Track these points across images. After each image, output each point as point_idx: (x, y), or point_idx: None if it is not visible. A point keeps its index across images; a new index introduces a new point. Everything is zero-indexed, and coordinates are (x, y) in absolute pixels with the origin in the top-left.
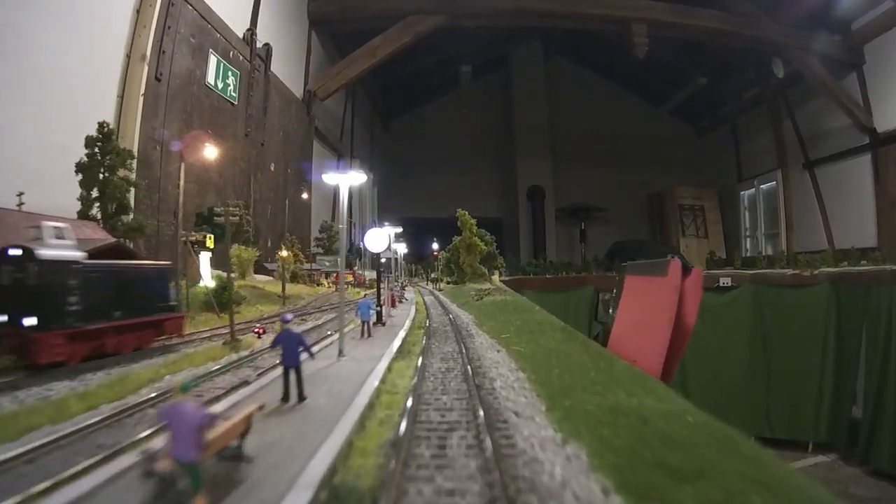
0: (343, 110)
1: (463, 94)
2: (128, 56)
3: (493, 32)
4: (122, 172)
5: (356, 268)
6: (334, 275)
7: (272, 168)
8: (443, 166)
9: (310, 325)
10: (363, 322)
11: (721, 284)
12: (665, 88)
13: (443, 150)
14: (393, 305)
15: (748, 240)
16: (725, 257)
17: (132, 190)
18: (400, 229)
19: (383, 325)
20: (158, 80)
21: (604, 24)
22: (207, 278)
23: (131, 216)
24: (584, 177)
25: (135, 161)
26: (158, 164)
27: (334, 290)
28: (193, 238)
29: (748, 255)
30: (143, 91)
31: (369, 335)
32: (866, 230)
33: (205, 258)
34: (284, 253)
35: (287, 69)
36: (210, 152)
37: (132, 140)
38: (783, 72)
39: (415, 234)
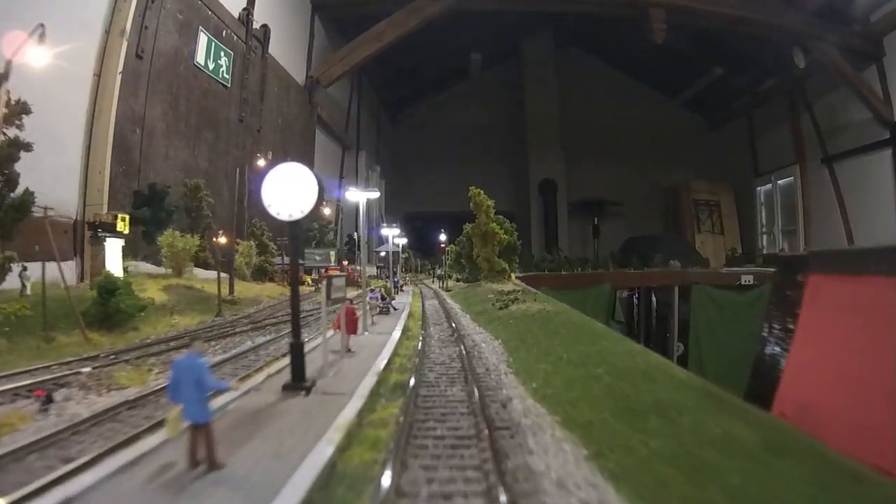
0: (348, 101)
1: (472, 86)
2: (106, 32)
3: (503, 21)
4: (11, 132)
5: (346, 263)
6: (323, 271)
7: (270, 157)
8: (451, 160)
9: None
10: (193, 428)
11: (743, 283)
12: (679, 80)
13: (451, 143)
14: (354, 331)
15: (764, 236)
16: (741, 254)
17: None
18: (377, 193)
19: (305, 391)
20: (140, 57)
21: (620, 9)
22: (117, 274)
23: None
24: (596, 170)
25: (27, 116)
26: (138, 149)
27: (315, 289)
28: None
29: (764, 251)
30: (121, 69)
31: (212, 465)
32: (887, 227)
33: (114, 247)
34: (223, 239)
35: (287, 54)
36: (37, 58)
37: (108, 121)
38: (804, 62)
39: (422, 228)
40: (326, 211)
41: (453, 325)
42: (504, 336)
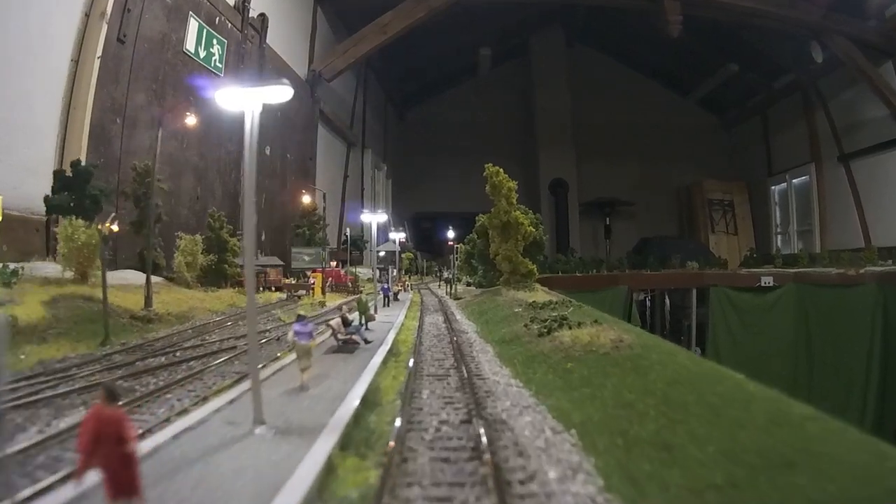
0: (353, 97)
1: (481, 84)
2: (86, 15)
3: (512, 17)
4: None
5: (334, 263)
6: (312, 274)
7: (267, 152)
8: (460, 159)
9: None
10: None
11: (763, 284)
12: (692, 78)
13: (460, 141)
14: (128, 492)
15: (779, 237)
16: (755, 254)
17: None
18: (288, 92)
19: None
20: (122, 41)
21: (634, 1)
22: None
23: None
24: (608, 169)
25: None
26: (119, 140)
27: (287, 296)
28: None
29: (778, 252)
30: (99, 54)
31: None
32: None
33: None
34: (115, 226)
35: (288, 46)
36: None
37: (84, 110)
38: (822, 56)
39: (430, 229)
40: (306, 199)
41: (469, 384)
42: (578, 414)
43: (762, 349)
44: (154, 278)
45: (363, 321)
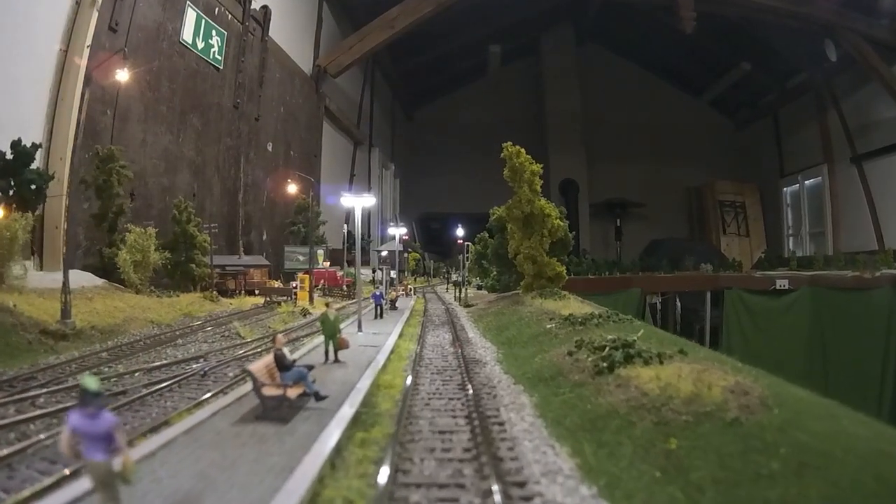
0: (360, 94)
1: (490, 83)
2: (77, 3)
3: (521, 15)
4: None
5: (328, 264)
6: (299, 276)
7: (270, 148)
8: (469, 158)
9: None
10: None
11: (778, 287)
12: (704, 78)
13: (469, 141)
14: None
15: (791, 239)
16: (775, 257)
17: None
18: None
19: None
20: (114, 30)
21: None
22: None
23: None
24: (619, 170)
25: None
26: (109, 134)
27: (264, 302)
28: None
29: (793, 254)
30: (89, 42)
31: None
32: None
33: None
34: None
35: (292, 40)
36: None
37: (72, 101)
38: (836, 55)
39: (439, 230)
40: (292, 188)
41: None
42: None
43: (776, 352)
44: (97, 281)
45: (330, 351)
